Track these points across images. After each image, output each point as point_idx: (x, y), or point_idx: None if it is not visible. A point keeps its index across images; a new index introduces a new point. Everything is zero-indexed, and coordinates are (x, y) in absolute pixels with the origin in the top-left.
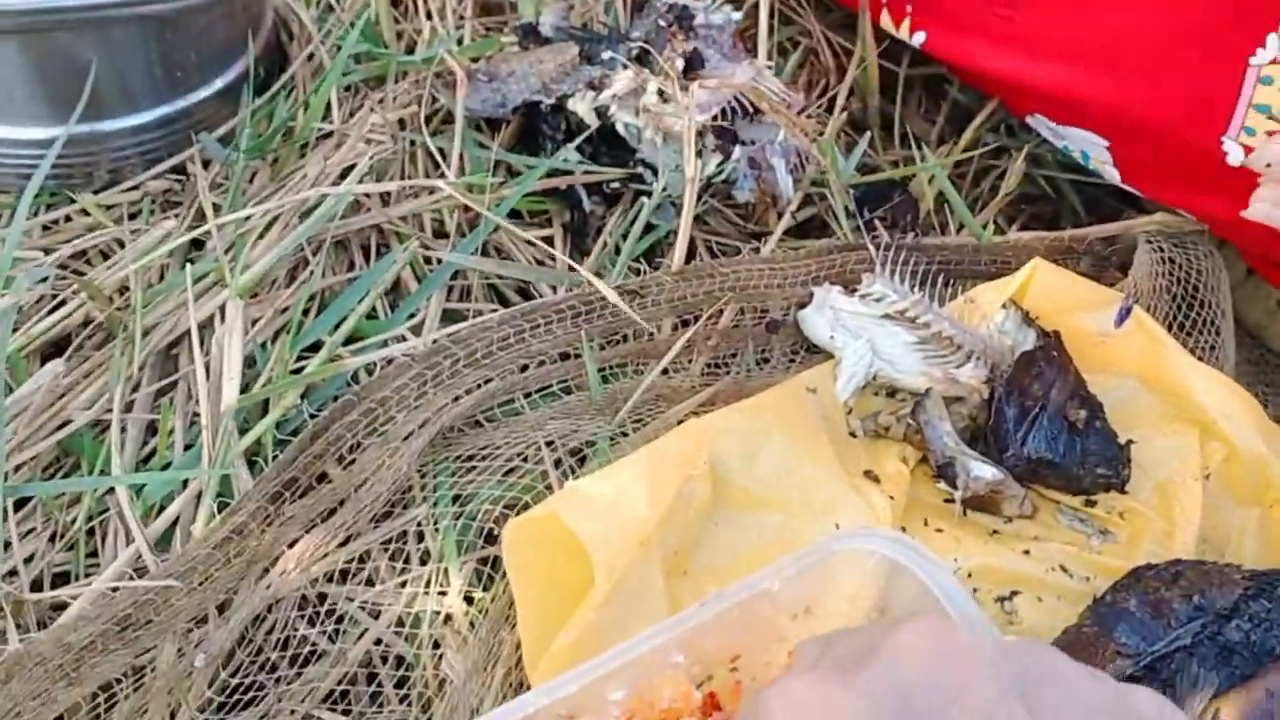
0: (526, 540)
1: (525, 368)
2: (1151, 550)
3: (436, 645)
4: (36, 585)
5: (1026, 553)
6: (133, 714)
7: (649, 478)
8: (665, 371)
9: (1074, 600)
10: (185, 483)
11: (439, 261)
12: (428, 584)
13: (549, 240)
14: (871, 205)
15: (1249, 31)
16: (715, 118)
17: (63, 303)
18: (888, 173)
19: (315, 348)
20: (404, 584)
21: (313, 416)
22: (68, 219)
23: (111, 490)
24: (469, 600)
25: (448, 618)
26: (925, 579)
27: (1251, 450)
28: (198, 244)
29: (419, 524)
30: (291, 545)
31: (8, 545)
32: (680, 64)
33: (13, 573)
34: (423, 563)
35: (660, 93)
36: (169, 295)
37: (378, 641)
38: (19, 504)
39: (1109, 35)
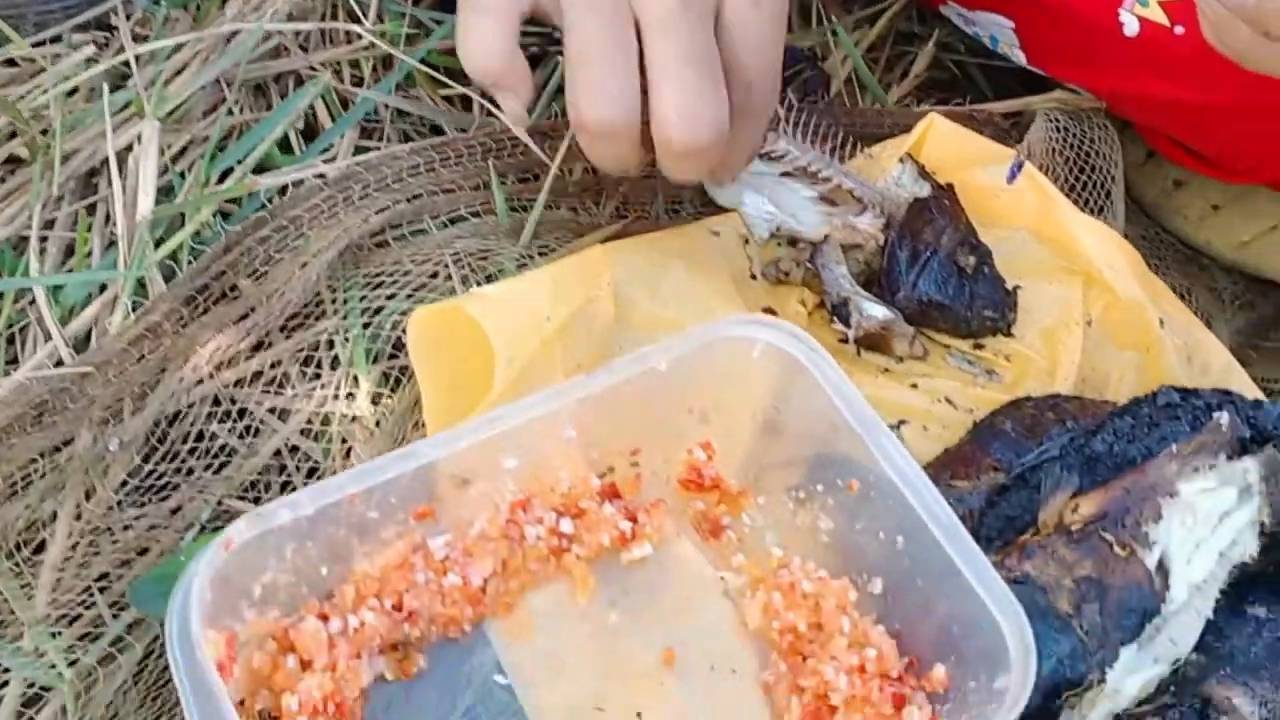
0: (431, 333)
1: (435, 194)
2: (1033, 388)
3: (344, 441)
4: None
5: (914, 386)
6: (50, 490)
7: (552, 287)
8: (575, 210)
9: (957, 430)
10: (103, 289)
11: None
12: (337, 389)
13: (465, 100)
14: (785, 78)
15: None
16: None
17: None
18: (799, 36)
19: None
20: (314, 390)
21: None
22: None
23: (32, 302)
24: (376, 402)
25: (355, 419)
26: (809, 366)
27: (1132, 298)
28: (117, 89)
29: (329, 335)
30: (204, 346)
31: None
32: None
33: None
34: (333, 369)
35: None
36: (88, 127)
37: (288, 443)
38: None
39: None
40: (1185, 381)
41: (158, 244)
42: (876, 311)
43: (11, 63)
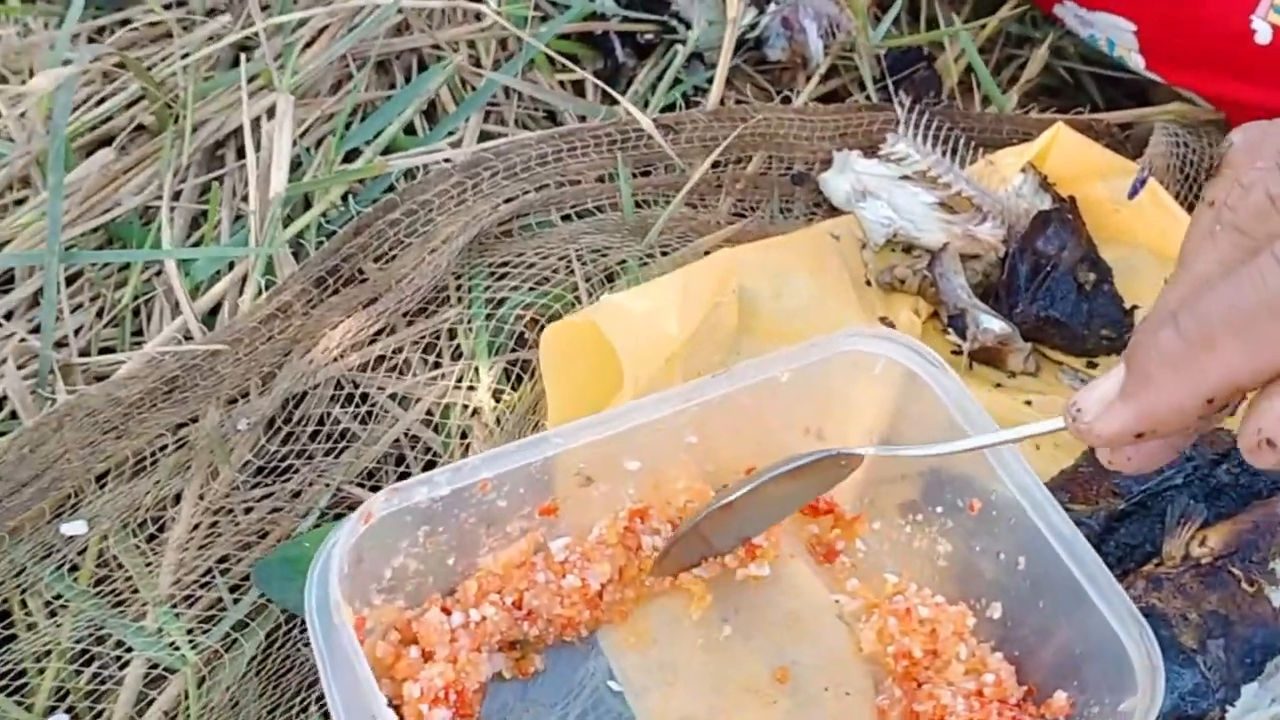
0: (563, 344)
1: (562, 185)
2: None
3: (464, 435)
4: (84, 355)
5: (1028, 403)
6: (177, 468)
7: (681, 299)
8: (693, 206)
9: (1070, 449)
10: (231, 266)
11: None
12: (459, 380)
13: (580, 86)
14: (898, 78)
15: None
16: None
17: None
18: (915, 36)
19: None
20: (435, 379)
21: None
22: (122, 24)
23: (159, 273)
24: (497, 398)
25: (475, 411)
26: (934, 387)
27: None
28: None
29: (452, 324)
30: (333, 329)
31: (58, 317)
32: None
33: (61, 343)
34: (454, 359)
35: None
36: (217, 96)
37: (408, 432)
38: (69, 280)
39: None
40: None
41: (285, 222)
42: (994, 325)
43: (128, 24)
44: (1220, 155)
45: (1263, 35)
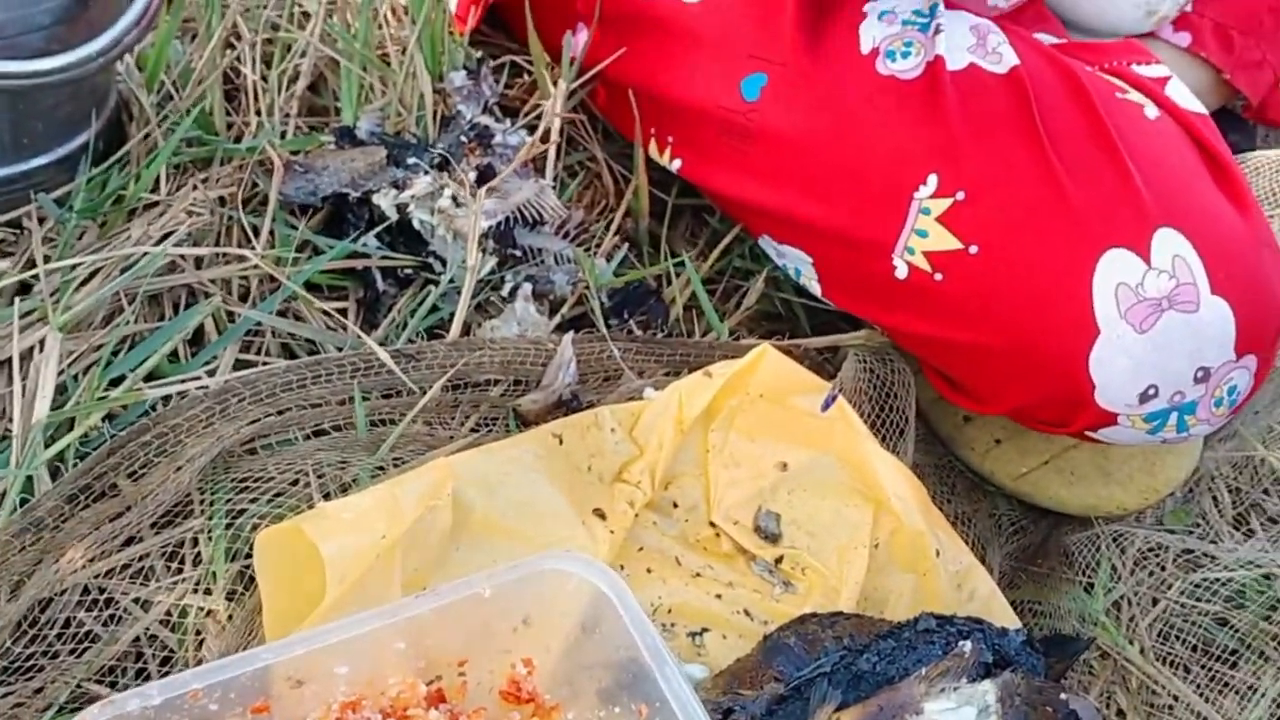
0: (275, 550)
1: (304, 409)
2: (819, 602)
3: (199, 633)
4: None
5: (719, 596)
6: None
7: (389, 503)
8: (430, 424)
9: (753, 639)
10: None
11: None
12: (197, 584)
13: (344, 312)
14: (630, 309)
15: (914, 170)
16: (499, 224)
17: None
18: (641, 271)
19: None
20: (175, 583)
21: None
22: None
23: None
24: (231, 599)
25: (210, 612)
26: (616, 602)
27: (914, 527)
28: (26, 292)
29: (195, 533)
30: (81, 540)
31: None
32: (473, 175)
33: None
34: (195, 565)
35: (454, 198)
36: None
37: (148, 632)
38: None
39: (812, 165)
40: (954, 604)
41: (47, 443)
42: None
43: None
44: None
45: (900, 272)
